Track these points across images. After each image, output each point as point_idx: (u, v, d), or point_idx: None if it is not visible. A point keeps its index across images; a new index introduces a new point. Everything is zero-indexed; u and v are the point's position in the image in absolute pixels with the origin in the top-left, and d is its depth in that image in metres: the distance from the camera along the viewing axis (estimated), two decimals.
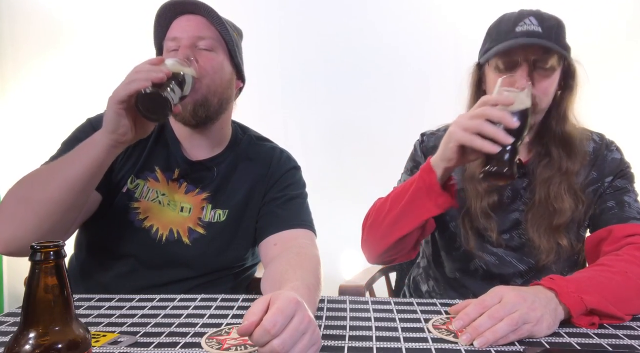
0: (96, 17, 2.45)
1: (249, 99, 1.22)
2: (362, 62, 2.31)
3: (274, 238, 1.09)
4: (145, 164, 1.13)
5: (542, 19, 1.06)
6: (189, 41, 1.06)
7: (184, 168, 1.13)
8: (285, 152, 1.27)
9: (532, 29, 1.05)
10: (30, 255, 0.52)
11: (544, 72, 1.05)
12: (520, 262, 1.15)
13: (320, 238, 1.14)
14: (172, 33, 1.09)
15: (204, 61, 1.06)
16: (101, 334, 0.80)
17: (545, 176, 1.11)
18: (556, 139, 1.12)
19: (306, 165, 1.29)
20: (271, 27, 2.35)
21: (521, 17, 1.07)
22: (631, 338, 0.78)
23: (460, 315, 0.79)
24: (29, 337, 0.52)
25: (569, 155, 1.11)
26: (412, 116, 2.22)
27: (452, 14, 2.20)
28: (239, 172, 1.17)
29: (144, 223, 1.10)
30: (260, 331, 0.62)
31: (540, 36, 1.04)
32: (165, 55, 1.10)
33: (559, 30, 1.08)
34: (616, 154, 1.15)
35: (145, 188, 1.12)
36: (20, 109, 2.53)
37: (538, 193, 1.11)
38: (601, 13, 2.09)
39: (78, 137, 1.08)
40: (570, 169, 1.10)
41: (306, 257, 1.00)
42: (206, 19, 1.08)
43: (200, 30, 1.07)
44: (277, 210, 1.14)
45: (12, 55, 2.53)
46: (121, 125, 0.91)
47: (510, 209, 1.15)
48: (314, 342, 0.68)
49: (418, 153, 1.26)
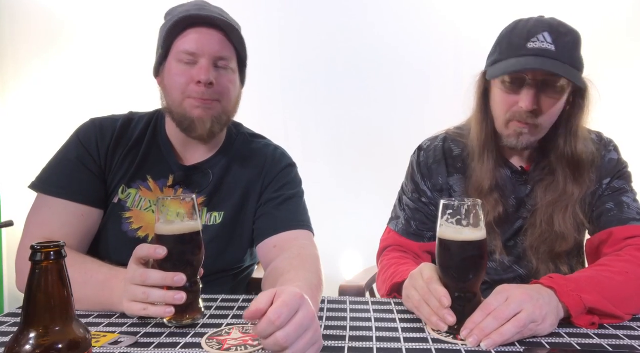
0: (96, 17, 2.45)
1: (249, 99, 1.21)
2: (362, 62, 2.31)
3: (272, 240, 1.08)
4: (137, 173, 1.11)
5: (558, 34, 1.00)
6: (209, 60, 1.03)
7: (178, 174, 1.11)
8: (280, 149, 1.24)
9: (545, 47, 0.99)
10: (31, 255, 0.52)
11: (551, 93, 1.02)
12: (520, 267, 1.15)
13: (320, 238, 1.14)
14: (190, 45, 1.03)
15: (224, 82, 1.05)
16: (101, 334, 0.80)
17: (549, 199, 1.09)
18: (564, 159, 1.08)
19: (306, 165, 1.29)
20: (271, 27, 2.36)
21: (535, 30, 1.01)
22: (631, 339, 0.78)
23: (467, 323, 0.78)
24: (29, 337, 0.52)
25: (576, 177, 1.07)
26: (412, 116, 2.22)
27: (452, 14, 2.20)
28: (233, 173, 1.15)
29: (137, 233, 1.09)
30: (264, 322, 0.63)
31: (553, 55, 0.99)
32: (175, 65, 1.05)
33: (573, 47, 1.02)
34: (613, 153, 1.14)
35: (137, 197, 1.10)
36: (20, 108, 2.53)
37: (539, 217, 1.10)
38: (601, 13, 2.09)
39: (67, 157, 1.08)
40: (576, 194, 1.07)
41: (307, 257, 0.99)
42: (225, 35, 1.05)
43: (222, 49, 1.04)
44: (274, 212, 1.12)
45: (12, 55, 2.53)
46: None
47: (515, 217, 1.15)
48: (316, 340, 0.68)
49: (415, 172, 1.23)
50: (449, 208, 0.81)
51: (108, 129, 1.12)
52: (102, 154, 1.10)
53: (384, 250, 1.23)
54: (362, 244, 1.84)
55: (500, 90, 1.06)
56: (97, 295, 0.90)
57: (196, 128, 1.05)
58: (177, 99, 1.05)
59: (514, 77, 1.02)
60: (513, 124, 1.06)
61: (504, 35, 1.08)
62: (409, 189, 1.24)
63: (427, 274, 0.85)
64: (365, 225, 1.98)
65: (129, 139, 1.13)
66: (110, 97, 2.26)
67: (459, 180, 1.18)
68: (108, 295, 0.89)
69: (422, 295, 0.84)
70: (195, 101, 1.03)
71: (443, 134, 1.25)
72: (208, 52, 1.03)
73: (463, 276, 0.80)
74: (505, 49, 1.05)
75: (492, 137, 1.12)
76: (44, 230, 1.02)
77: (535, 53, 0.99)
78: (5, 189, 2.51)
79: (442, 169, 1.20)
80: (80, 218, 1.06)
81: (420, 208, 1.21)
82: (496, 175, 1.12)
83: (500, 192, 1.12)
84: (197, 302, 0.85)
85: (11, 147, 2.53)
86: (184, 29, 1.04)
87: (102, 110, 1.20)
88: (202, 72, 1.02)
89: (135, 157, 1.12)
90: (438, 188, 1.20)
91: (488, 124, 1.12)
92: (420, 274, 0.87)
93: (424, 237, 1.20)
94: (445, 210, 0.81)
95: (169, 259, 0.80)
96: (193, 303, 0.83)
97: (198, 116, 1.04)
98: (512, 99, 1.04)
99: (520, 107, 1.02)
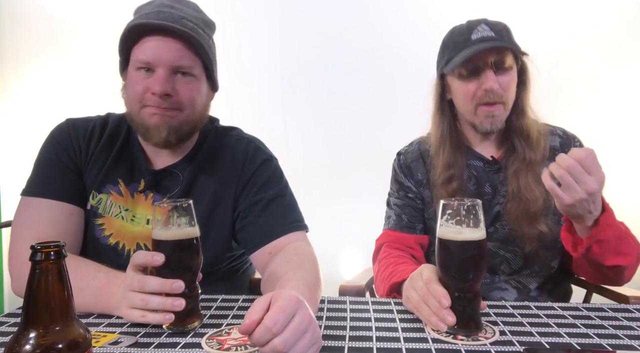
0: (96, 17, 2.46)
1: (249, 99, 1.22)
2: (362, 62, 2.31)
3: (267, 248, 1.05)
4: (107, 177, 1.08)
5: (492, 24, 1.14)
6: (166, 70, 0.98)
7: (148, 179, 1.09)
8: (254, 142, 1.17)
9: (487, 34, 1.12)
10: (31, 255, 0.52)
11: (504, 71, 1.13)
12: (507, 252, 1.19)
13: (320, 238, 1.14)
14: (145, 54, 0.98)
15: (184, 91, 1.01)
16: (101, 334, 0.80)
17: (513, 169, 1.18)
18: (517, 132, 1.19)
19: (306, 165, 1.29)
20: (271, 27, 2.36)
21: (473, 25, 1.14)
22: (631, 339, 0.78)
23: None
24: (29, 337, 0.52)
25: (530, 146, 1.18)
26: (412, 116, 2.21)
27: (452, 14, 2.20)
28: (204, 173, 1.11)
29: (109, 240, 1.08)
30: (261, 329, 0.62)
31: (495, 39, 1.12)
32: (133, 73, 1.01)
33: (508, 32, 1.16)
34: (581, 147, 1.21)
35: (108, 203, 1.08)
36: (20, 108, 2.53)
37: (510, 186, 1.18)
38: (601, 13, 2.09)
39: (46, 157, 1.07)
40: (533, 159, 1.17)
41: (305, 256, 0.98)
42: (184, 42, 0.99)
43: (180, 58, 0.99)
44: (258, 220, 1.07)
45: (12, 55, 2.53)
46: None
47: (492, 204, 1.20)
48: (315, 341, 0.68)
49: (398, 173, 1.31)
50: (449, 208, 0.81)
51: (81, 129, 1.11)
52: (77, 153, 1.09)
53: (379, 248, 1.25)
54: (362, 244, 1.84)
55: (460, 82, 1.16)
56: (95, 301, 0.89)
57: (152, 136, 1.02)
58: (135, 107, 1.02)
59: (469, 66, 1.13)
60: (481, 109, 1.15)
61: (445, 40, 1.21)
62: (394, 190, 1.32)
63: (427, 275, 0.85)
64: (365, 225, 1.97)
65: (100, 140, 1.10)
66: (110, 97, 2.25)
67: (427, 178, 1.27)
68: (106, 301, 0.88)
69: (422, 295, 0.84)
70: (152, 109, 1.00)
71: (418, 139, 1.36)
72: (164, 62, 0.98)
73: (463, 276, 0.80)
74: (453, 48, 1.16)
75: (449, 131, 1.23)
76: (32, 231, 0.99)
77: (480, 40, 1.12)
78: (5, 189, 2.51)
79: (420, 166, 1.29)
80: (69, 217, 1.05)
81: (408, 203, 1.28)
82: (455, 165, 1.20)
83: (459, 182, 1.19)
84: (197, 307, 0.84)
85: (11, 147, 2.54)
86: (141, 36, 0.99)
87: (102, 110, 1.20)
88: (156, 83, 0.98)
89: (107, 158, 1.09)
90: (420, 183, 1.28)
91: (444, 121, 1.24)
92: (420, 275, 0.88)
93: (416, 228, 1.26)
94: (445, 210, 0.81)
95: (167, 265, 0.79)
96: (193, 309, 0.83)
97: (154, 124, 1.01)
98: (473, 86, 1.14)
99: (484, 89, 1.12)
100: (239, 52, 2.27)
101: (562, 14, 2.06)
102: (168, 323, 0.80)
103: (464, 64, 1.12)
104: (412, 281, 0.90)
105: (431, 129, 1.28)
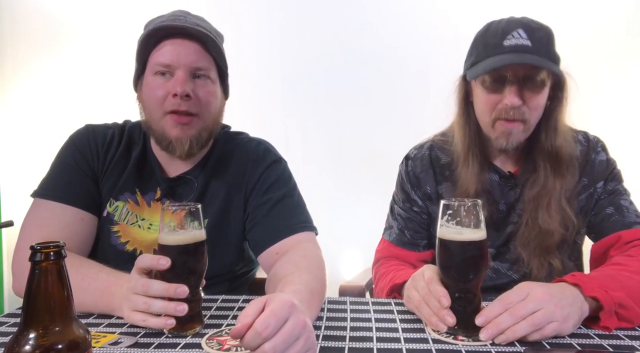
0: (96, 17, 2.45)
1: (249, 99, 1.22)
2: (362, 62, 2.31)
3: (274, 248, 1.04)
4: (125, 185, 1.10)
5: (531, 30, 1.01)
6: (185, 71, 1.00)
7: (164, 187, 1.10)
8: (263, 144, 1.18)
9: (521, 43, 1.00)
10: (30, 255, 0.52)
11: (533, 87, 1.02)
12: (514, 272, 1.14)
13: (320, 238, 1.13)
14: (164, 57, 1.01)
15: (202, 93, 1.03)
16: (101, 335, 0.80)
17: (532, 194, 1.08)
18: (544, 153, 1.08)
19: (306, 165, 1.29)
20: (271, 27, 2.35)
21: (509, 28, 1.02)
22: (631, 339, 0.78)
23: (484, 311, 0.78)
24: (29, 337, 0.52)
25: (556, 171, 1.07)
26: (413, 116, 2.22)
27: (453, 14, 2.20)
28: (216, 177, 1.12)
29: (125, 247, 1.09)
30: (251, 333, 0.60)
31: (530, 50, 1.00)
32: (151, 78, 1.03)
33: (548, 41, 1.03)
34: (602, 154, 1.14)
35: (124, 211, 1.09)
36: (20, 109, 2.53)
37: (526, 212, 1.09)
38: (601, 13, 2.09)
39: (64, 161, 1.08)
40: (557, 188, 1.07)
41: (312, 259, 0.97)
42: (201, 45, 1.02)
43: (198, 60, 1.02)
44: (265, 220, 1.07)
45: (12, 55, 2.53)
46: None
47: (507, 222, 1.14)
48: (309, 348, 0.65)
49: (405, 182, 1.23)
50: (449, 209, 0.81)
51: (100, 136, 1.12)
52: (95, 160, 1.10)
53: (379, 260, 1.22)
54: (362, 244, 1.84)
55: (482, 90, 1.05)
56: (96, 301, 0.89)
57: (175, 149, 1.04)
58: (156, 115, 1.03)
59: (494, 76, 1.02)
60: (499, 123, 1.05)
61: (478, 37, 1.09)
62: (400, 199, 1.24)
63: (428, 275, 0.85)
64: (365, 225, 1.97)
65: (118, 148, 1.11)
66: (110, 98, 2.26)
67: (448, 188, 1.17)
68: (107, 302, 0.88)
69: (422, 295, 0.84)
70: (174, 119, 1.01)
71: (429, 142, 1.24)
72: (184, 63, 1.00)
73: (463, 276, 0.80)
74: (482, 50, 1.05)
75: (475, 140, 1.12)
76: (41, 232, 1.00)
77: (512, 49, 1.00)
78: (5, 189, 2.51)
79: (430, 178, 1.19)
80: (80, 223, 1.05)
81: (412, 218, 1.21)
82: (482, 180, 1.11)
83: (487, 197, 1.11)
84: (199, 312, 0.84)
85: (11, 147, 2.53)
86: (159, 41, 1.02)
87: (102, 110, 1.20)
88: (177, 84, 0.99)
89: (124, 167, 1.10)
90: (428, 197, 1.19)
91: (471, 127, 1.12)
92: (421, 275, 0.87)
93: (419, 245, 1.20)
94: (446, 210, 0.81)
95: (172, 269, 0.79)
96: (194, 314, 0.82)
97: (176, 137, 1.02)
98: (495, 98, 1.04)
99: (505, 104, 1.02)
100: (239, 52, 2.26)
101: (562, 14, 2.06)
102: (169, 328, 0.79)
103: (489, 72, 1.02)
104: (413, 281, 0.90)
105: (456, 136, 1.16)
